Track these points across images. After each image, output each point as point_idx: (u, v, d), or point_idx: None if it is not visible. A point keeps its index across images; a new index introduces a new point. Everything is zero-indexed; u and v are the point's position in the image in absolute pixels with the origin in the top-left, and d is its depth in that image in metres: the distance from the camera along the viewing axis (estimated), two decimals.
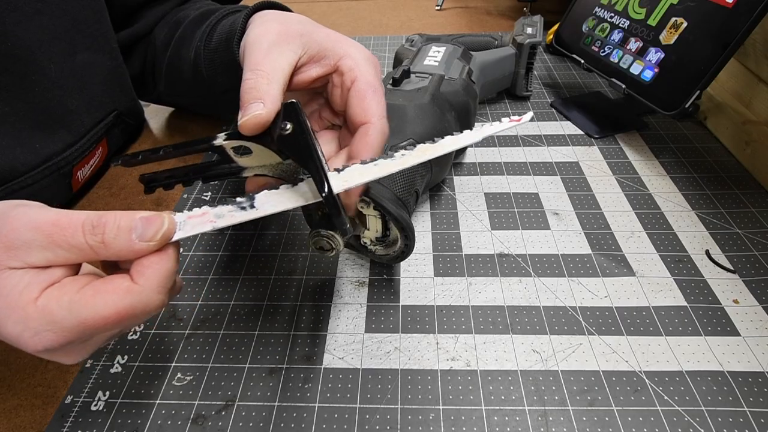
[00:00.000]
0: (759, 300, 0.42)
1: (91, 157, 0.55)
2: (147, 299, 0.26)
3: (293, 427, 0.35)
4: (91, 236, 0.26)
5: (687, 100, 0.53)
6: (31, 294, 0.25)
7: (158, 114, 0.71)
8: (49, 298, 0.25)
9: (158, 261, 0.27)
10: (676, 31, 0.55)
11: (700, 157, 0.59)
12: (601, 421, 0.34)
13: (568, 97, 0.72)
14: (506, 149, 0.62)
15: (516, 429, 0.34)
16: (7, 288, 0.25)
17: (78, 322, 0.25)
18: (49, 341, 0.25)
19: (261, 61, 0.33)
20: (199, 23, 0.53)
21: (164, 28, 0.58)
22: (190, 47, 0.52)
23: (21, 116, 0.46)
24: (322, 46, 0.36)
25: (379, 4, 1.13)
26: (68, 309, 0.25)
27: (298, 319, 0.42)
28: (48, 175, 0.48)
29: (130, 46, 0.58)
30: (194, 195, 0.56)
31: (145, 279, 0.26)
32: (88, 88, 0.52)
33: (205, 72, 0.50)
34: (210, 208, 0.30)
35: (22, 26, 0.44)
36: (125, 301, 0.26)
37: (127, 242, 0.26)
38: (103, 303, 0.25)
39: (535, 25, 0.69)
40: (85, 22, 0.50)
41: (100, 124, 0.54)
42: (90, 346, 0.28)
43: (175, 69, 0.55)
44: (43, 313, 0.25)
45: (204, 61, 0.50)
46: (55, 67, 0.47)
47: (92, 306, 0.25)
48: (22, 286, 0.25)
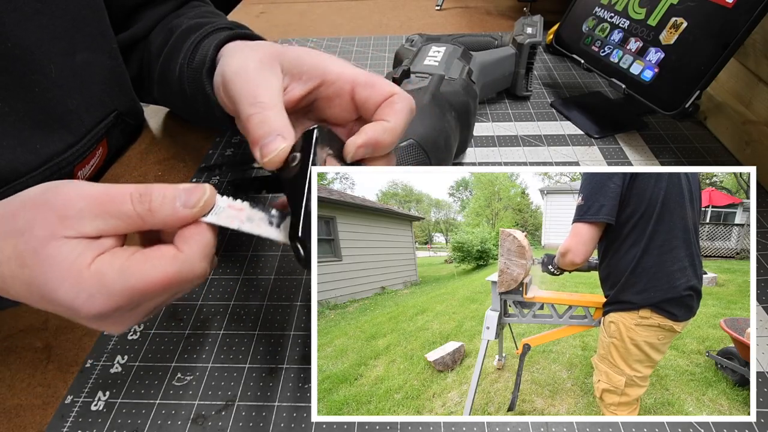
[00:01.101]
0: (759, 300, 0.42)
1: (92, 157, 0.55)
2: (191, 265, 0.28)
3: (293, 427, 0.35)
4: (138, 204, 0.27)
5: (687, 100, 0.53)
6: (85, 260, 0.26)
7: (158, 114, 0.71)
8: (102, 264, 0.26)
9: (200, 231, 0.29)
10: (676, 31, 0.55)
11: (700, 157, 0.59)
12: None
13: (568, 97, 0.72)
14: (506, 149, 0.62)
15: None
16: (61, 255, 0.26)
17: (129, 285, 0.26)
18: (101, 304, 0.26)
19: (256, 93, 0.33)
20: (186, 37, 0.51)
21: (159, 35, 0.57)
22: (177, 61, 0.51)
23: (21, 116, 0.46)
24: (299, 64, 0.36)
25: (379, 4, 1.13)
26: (119, 273, 0.26)
27: (298, 319, 0.42)
28: (49, 175, 0.48)
29: (129, 48, 0.58)
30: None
31: (189, 246, 0.28)
32: (88, 88, 0.52)
33: (188, 90, 0.49)
34: (247, 207, 0.31)
35: (21, 26, 0.44)
36: (173, 266, 0.27)
37: (172, 209, 0.28)
38: (152, 268, 0.27)
39: (535, 25, 0.69)
40: (84, 22, 0.50)
41: (100, 124, 0.54)
42: (138, 314, 0.29)
43: (165, 79, 0.54)
44: (96, 277, 0.26)
45: (187, 80, 0.49)
46: (54, 67, 0.47)
47: (142, 271, 0.27)
48: (76, 253, 0.26)
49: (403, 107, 0.33)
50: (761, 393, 0.36)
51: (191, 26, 0.53)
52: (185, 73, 0.49)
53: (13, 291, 0.28)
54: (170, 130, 0.68)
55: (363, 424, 0.35)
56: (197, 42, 0.49)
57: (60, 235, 0.26)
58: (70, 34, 0.49)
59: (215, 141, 0.65)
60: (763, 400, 0.35)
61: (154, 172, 0.60)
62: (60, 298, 0.26)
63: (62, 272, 0.26)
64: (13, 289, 0.28)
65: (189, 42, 0.50)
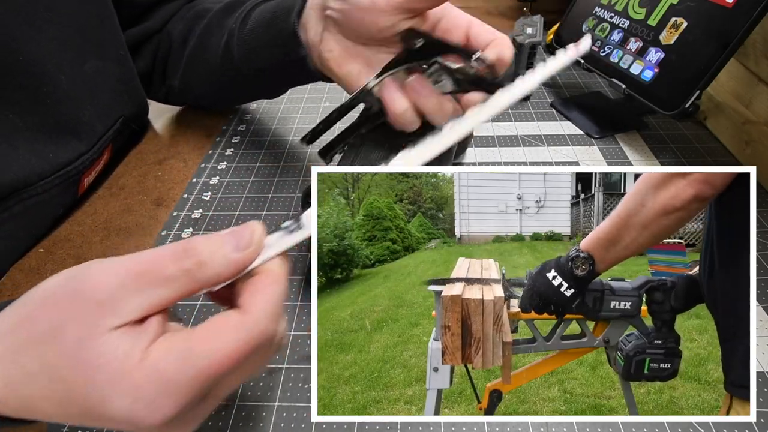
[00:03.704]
0: (759, 300, 0.42)
1: (98, 164, 0.55)
2: (263, 329, 0.23)
3: (293, 427, 0.35)
4: (185, 260, 0.23)
5: (687, 100, 0.53)
6: (135, 357, 0.21)
7: (159, 114, 0.71)
8: (157, 356, 0.21)
9: (268, 284, 0.24)
10: (676, 31, 0.55)
11: (700, 157, 0.59)
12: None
13: (568, 97, 0.72)
14: (506, 149, 0.62)
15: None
16: (106, 355, 0.21)
17: (195, 373, 0.21)
18: (167, 408, 0.21)
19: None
20: (229, 12, 0.54)
21: (179, 23, 0.58)
22: (221, 34, 0.53)
23: (35, 129, 0.46)
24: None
25: None
26: (181, 362, 0.21)
27: (298, 320, 0.42)
28: (58, 183, 0.48)
29: (140, 44, 0.59)
30: (194, 195, 0.56)
31: (256, 306, 0.23)
32: (98, 97, 0.52)
33: (241, 54, 0.51)
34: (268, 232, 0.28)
35: (33, 39, 0.44)
36: (240, 335, 0.22)
37: (224, 256, 0.24)
38: (218, 344, 0.22)
39: (535, 25, 0.69)
40: (91, 29, 0.50)
41: (109, 131, 0.54)
42: (210, 405, 0.24)
43: (198, 60, 0.56)
44: (153, 375, 0.21)
45: (242, 44, 0.51)
46: (65, 77, 0.47)
47: (207, 351, 0.22)
48: (121, 350, 0.21)
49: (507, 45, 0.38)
50: (761, 393, 0.36)
51: (228, 5, 0.55)
52: (234, 40, 0.51)
53: (44, 413, 0.22)
54: (170, 130, 0.68)
55: (363, 424, 0.35)
56: (248, 10, 0.51)
57: (101, 329, 0.21)
58: (78, 43, 0.49)
59: (215, 141, 0.65)
60: (763, 400, 0.35)
61: (154, 172, 0.60)
62: (113, 412, 0.21)
63: (111, 376, 0.21)
64: (43, 411, 0.22)
65: (236, 14, 0.52)
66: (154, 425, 0.21)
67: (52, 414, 0.22)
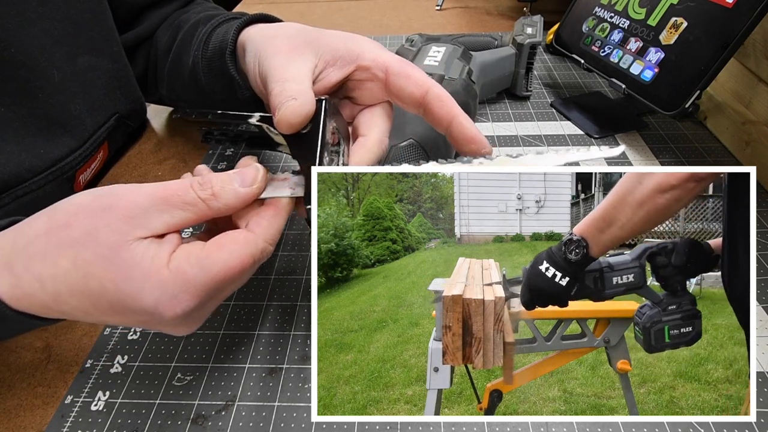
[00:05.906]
0: (759, 300, 0.42)
1: (93, 161, 0.54)
2: (263, 248, 0.29)
3: (293, 427, 0.35)
4: (201, 191, 0.28)
5: (687, 100, 0.53)
6: (162, 260, 0.26)
7: (159, 114, 0.71)
8: (179, 260, 0.26)
9: (274, 215, 0.30)
10: (676, 31, 0.55)
11: (700, 157, 0.59)
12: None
13: (568, 97, 0.72)
14: (506, 149, 0.62)
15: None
16: (137, 257, 0.26)
17: (210, 276, 0.26)
18: (187, 303, 0.26)
19: (283, 73, 0.34)
20: (197, 30, 0.51)
21: (166, 32, 0.57)
22: (189, 53, 0.52)
23: (25, 122, 0.46)
24: (334, 49, 0.36)
25: (379, 4, 1.13)
26: (199, 266, 0.26)
27: (298, 319, 0.42)
28: (52, 180, 0.48)
29: (134, 48, 0.58)
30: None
31: (261, 228, 0.29)
32: (90, 92, 0.52)
33: (203, 79, 0.49)
34: (290, 175, 0.32)
35: (24, 31, 0.44)
36: (247, 249, 0.28)
37: (233, 190, 0.29)
38: (229, 254, 0.27)
39: (535, 25, 0.69)
40: (85, 25, 0.50)
41: (102, 127, 0.54)
42: (210, 308, 0.29)
43: (176, 74, 0.55)
44: (177, 275, 0.26)
45: (202, 69, 0.49)
46: (57, 71, 0.47)
47: (220, 259, 0.27)
48: (151, 254, 0.26)
49: (450, 100, 0.35)
50: (761, 393, 0.36)
51: (200, 19, 0.53)
52: (199, 64, 0.49)
53: (70, 306, 0.26)
54: (170, 130, 0.68)
55: (363, 424, 0.35)
56: (209, 32, 0.49)
57: (131, 237, 0.26)
58: (71, 38, 0.49)
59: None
60: (763, 400, 0.35)
61: (154, 172, 0.60)
62: (142, 304, 0.25)
63: (144, 274, 0.25)
64: (69, 305, 0.26)
65: (200, 33, 0.50)
66: (174, 317, 0.26)
67: (79, 308, 0.26)
